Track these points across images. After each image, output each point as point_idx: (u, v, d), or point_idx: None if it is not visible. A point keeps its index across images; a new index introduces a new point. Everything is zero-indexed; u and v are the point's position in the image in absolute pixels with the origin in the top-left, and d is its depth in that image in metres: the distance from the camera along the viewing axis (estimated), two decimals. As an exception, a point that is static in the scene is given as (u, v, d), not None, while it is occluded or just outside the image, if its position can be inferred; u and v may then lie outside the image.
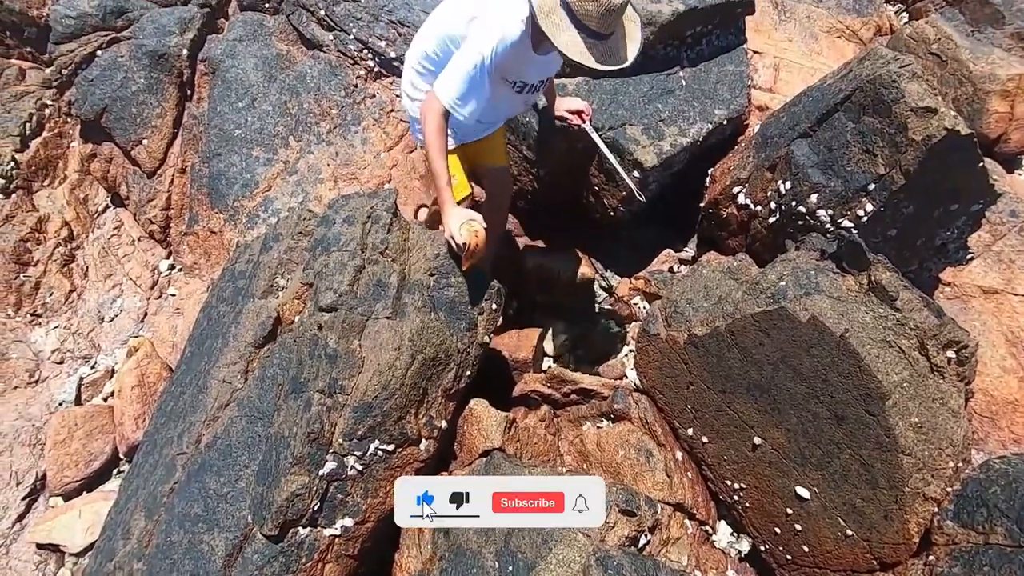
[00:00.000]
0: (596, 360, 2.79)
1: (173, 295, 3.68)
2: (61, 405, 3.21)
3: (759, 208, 2.61)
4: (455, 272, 2.17)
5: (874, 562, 1.50)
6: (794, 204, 2.43)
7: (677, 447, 1.91)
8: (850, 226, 2.28)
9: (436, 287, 2.11)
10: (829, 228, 2.32)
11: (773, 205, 2.54)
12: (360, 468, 1.82)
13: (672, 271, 3.11)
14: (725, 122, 2.97)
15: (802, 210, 2.41)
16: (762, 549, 1.78)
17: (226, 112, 3.80)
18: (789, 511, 1.65)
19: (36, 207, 3.72)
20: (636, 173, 2.83)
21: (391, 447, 1.86)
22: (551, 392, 2.27)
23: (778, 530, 1.70)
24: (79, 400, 3.23)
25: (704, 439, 1.84)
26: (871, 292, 1.52)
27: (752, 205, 2.63)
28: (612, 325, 3.02)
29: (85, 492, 2.97)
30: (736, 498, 1.81)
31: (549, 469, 1.71)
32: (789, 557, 1.69)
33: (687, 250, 3.27)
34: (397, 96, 4.03)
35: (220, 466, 1.93)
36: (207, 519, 1.84)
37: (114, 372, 3.34)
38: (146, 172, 3.79)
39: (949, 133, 2.04)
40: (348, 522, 1.81)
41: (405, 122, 4.03)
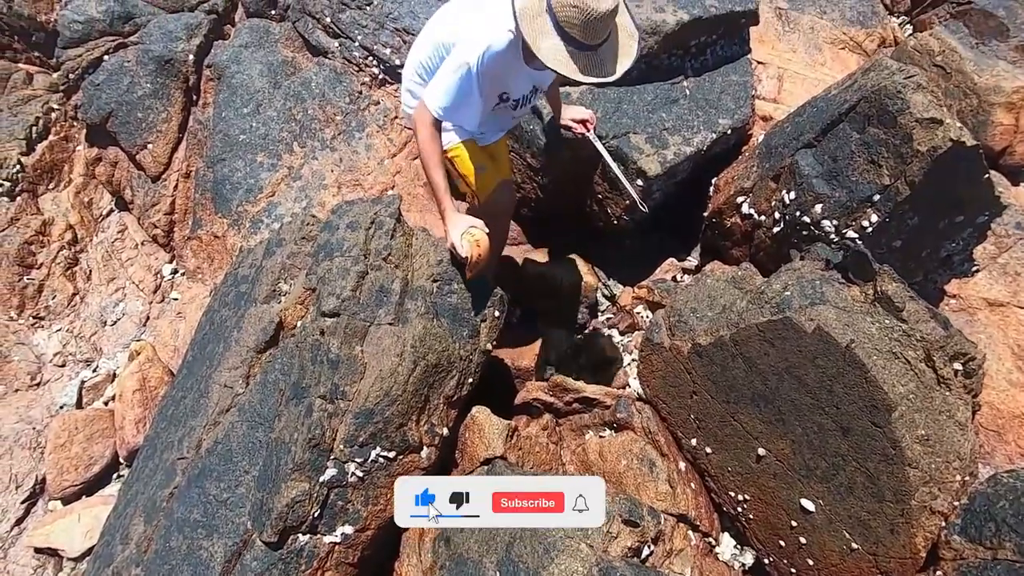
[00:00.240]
0: (598, 369, 2.78)
1: (176, 299, 3.68)
2: (62, 408, 3.20)
3: (763, 218, 2.60)
4: (458, 279, 2.17)
5: (880, 576, 1.49)
6: (798, 214, 2.43)
7: (680, 457, 1.90)
8: (855, 237, 2.27)
9: (439, 293, 2.11)
10: (834, 238, 2.31)
11: (777, 215, 2.54)
12: (361, 475, 1.81)
13: (675, 280, 3.11)
14: (729, 132, 2.97)
15: (806, 220, 2.40)
16: (766, 562, 1.76)
17: (231, 117, 3.82)
18: (794, 524, 1.63)
19: (41, 210, 3.74)
20: (640, 182, 2.84)
21: (392, 454, 1.84)
22: (553, 400, 2.26)
23: (782, 543, 1.68)
24: (80, 403, 3.23)
25: (708, 450, 1.82)
26: (877, 303, 1.51)
27: (756, 215, 2.62)
28: (615, 334, 3.01)
29: (84, 496, 2.96)
30: (740, 510, 1.79)
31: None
32: (794, 571, 1.67)
33: (690, 259, 3.27)
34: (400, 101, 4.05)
35: (220, 471, 1.92)
36: (206, 525, 1.83)
37: (115, 376, 3.34)
38: (151, 176, 3.81)
39: (955, 144, 2.04)
40: (348, 529, 1.80)
41: (409, 129, 4.05)
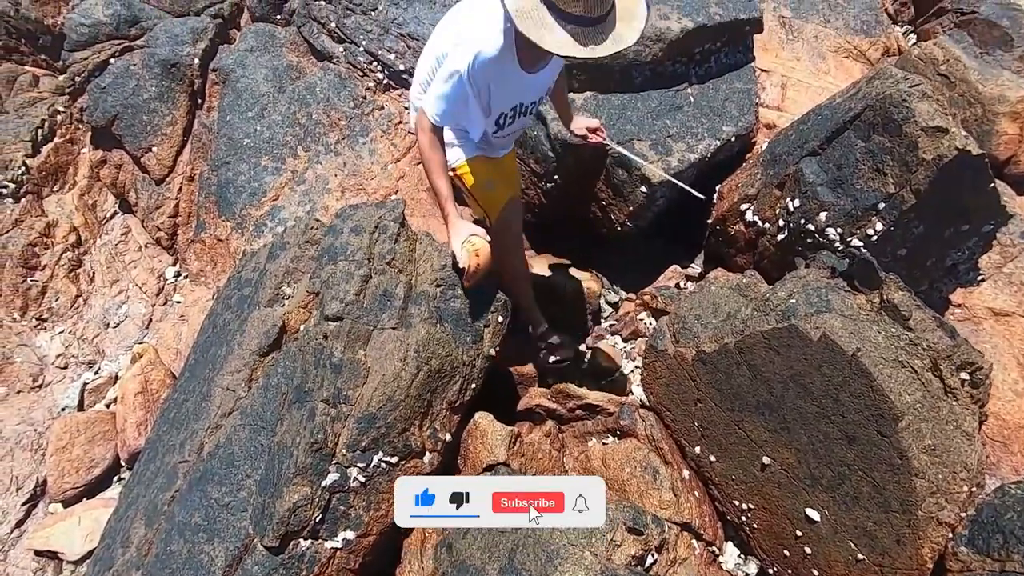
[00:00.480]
0: (601, 376, 2.77)
1: (178, 302, 3.68)
2: (64, 410, 3.20)
3: (767, 225, 2.60)
4: (462, 283, 2.16)
5: (886, 588, 1.47)
6: (803, 222, 2.42)
7: (684, 465, 1.89)
8: (859, 245, 2.26)
9: (442, 298, 2.11)
10: (838, 247, 2.31)
11: (781, 223, 2.53)
12: (363, 480, 1.80)
13: (679, 287, 3.10)
14: (733, 139, 2.97)
15: (811, 228, 2.40)
16: (770, 572, 1.75)
17: (236, 121, 3.83)
18: (799, 533, 1.62)
19: (45, 212, 3.75)
20: (643, 188, 2.84)
21: (394, 459, 1.84)
22: (556, 407, 2.25)
23: (787, 553, 1.67)
24: (82, 406, 3.22)
25: (712, 458, 1.81)
26: (883, 311, 1.50)
27: (760, 222, 2.62)
28: (618, 341, 3.01)
29: (85, 499, 2.95)
30: (744, 519, 1.78)
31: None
32: (798, 580, 1.66)
33: (694, 266, 3.26)
34: (406, 108, 4.06)
35: (222, 475, 1.91)
36: (207, 529, 1.82)
37: (117, 378, 3.33)
38: (155, 179, 3.82)
39: (960, 153, 2.03)
40: (350, 535, 1.79)
41: (413, 134, 4.05)
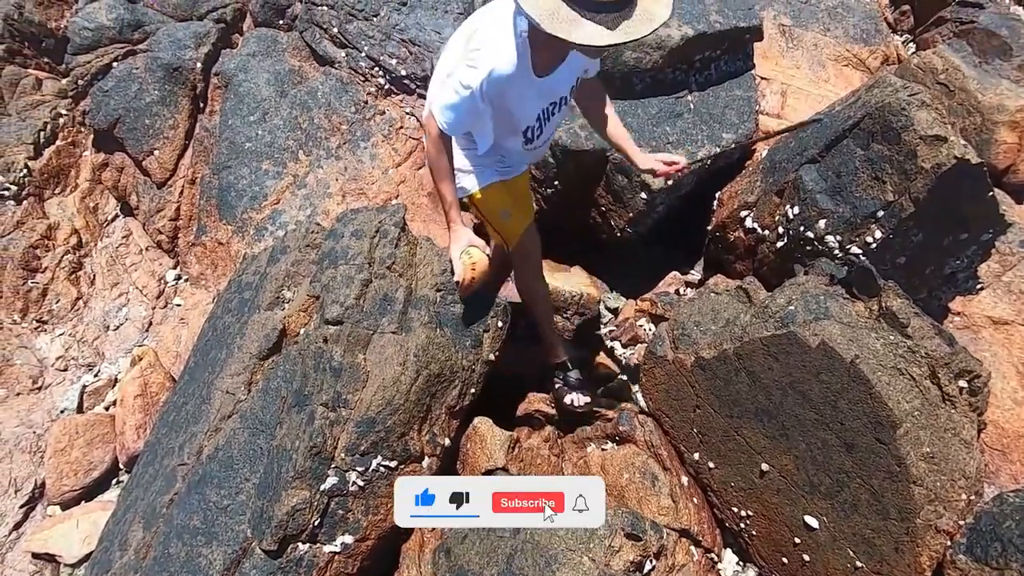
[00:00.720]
0: (601, 381, 2.77)
1: (179, 305, 3.68)
2: (63, 413, 3.20)
3: (767, 232, 2.61)
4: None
5: (885, 595, 1.47)
6: (802, 229, 2.43)
7: (683, 472, 1.89)
8: (859, 252, 2.27)
9: (442, 303, 2.11)
10: (837, 254, 2.32)
11: (781, 230, 2.54)
12: (362, 484, 1.80)
13: (678, 293, 3.11)
14: (733, 146, 2.99)
15: (810, 235, 2.41)
16: (768, 579, 1.75)
17: (237, 125, 3.84)
18: (797, 540, 1.62)
19: (46, 214, 3.75)
20: (643, 195, 2.85)
21: (393, 463, 1.84)
22: (555, 412, 2.25)
23: (785, 560, 1.67)
24: (81, 408, 3.22)
25: (710, 464, 1.81)
26: (882, 318, 1.51)
27: (759, 229, 2.63)
28: (617, 346, 3.01)
29: (84, 501, 2.94)
30: (743, 526, 1.78)
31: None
32: (796, 588, 1.66)
33: (694, 273, 3.27)
34: (407, 113, 4.08)
35: (221, 478, 1.91)
36: (206, 532, 1.82)
37: (117, 381, 3.33)
38: (156, 182, 3.83)
39: (959, 161, 2.04)
40: (348, 539, 1.79)
41: (414, 139, 4.07)
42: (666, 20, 1.42)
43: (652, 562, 1.44)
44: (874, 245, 2.24)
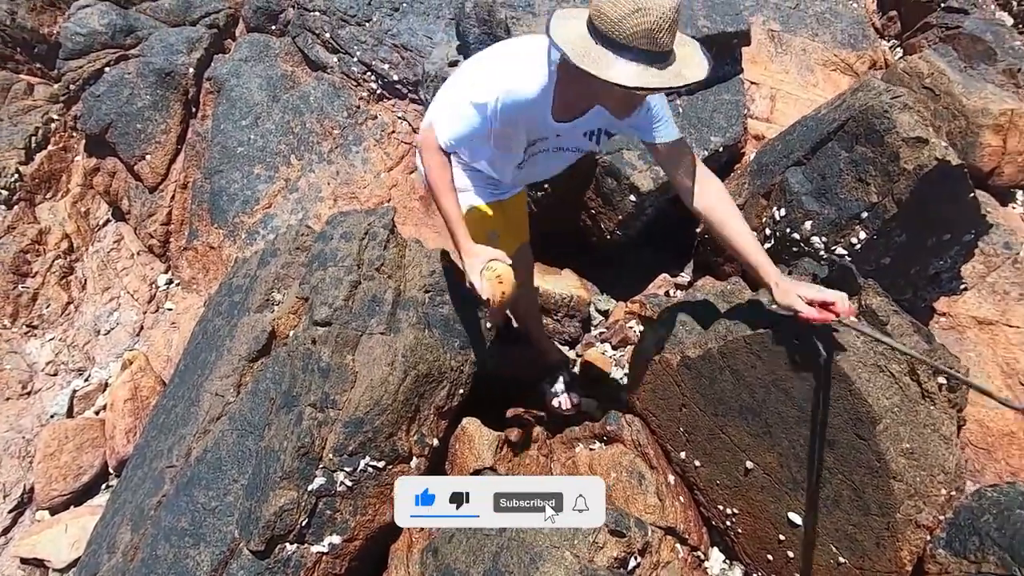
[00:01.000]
0: (590, 383, 2.79)
1: (170, 309, 3.68)
2: (53, 418, 3.19)
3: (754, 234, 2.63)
4: (450, 289, 2.18)
5: (866, 591, 1.49)
6: (788, 231, 2.45)
7: (669, 470, 1.90)
8: (844, 253, 2.30)
9: (431, 304, 2.12)
10: (823, 255, 2.34)
11: (768, 232, 2.57)
12: (350, 484, 1.80)
13: (668, 295, 3.13)
14: (721, 149, 3.01)
15: (796, 237, 2.43)
16: (754, 576, 1.76)
17: (229, 129, 3.86)
18: (781, 537, 1.63)
19: (37, 219, 3.75)
20: (632, 197, 2.87)
21: (381, 464, 1.84)
22: (544, 413, 2.26)
23: (770, 557, 1.68)
24: (71, 413, 3.21)
25: (697, 463, 1.83)
26: (861, 316, 1.53)
27: (747, 231, 2.65)
28: (608, 348, 3.02)
29: (73, 506, 2.93)
30: (729, 524, 1.79)
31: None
32: (781, 585, 1.67)
33: (683, 275, 3.29)
34: (399, 118, 4.10)
35: (209, 480, 1.91)
36: (193, 533, 1.82)
37: (107, 385, 3.33)
38: (148, 187, 3.84)
39: (940, 163, 2.07)
40: (336, 539, 1.79)
41: (406, 143, 4.10)
42: (696, 81, 1.33)
43: (637, 559, 1.45)
44: (859, 246, 2.27)
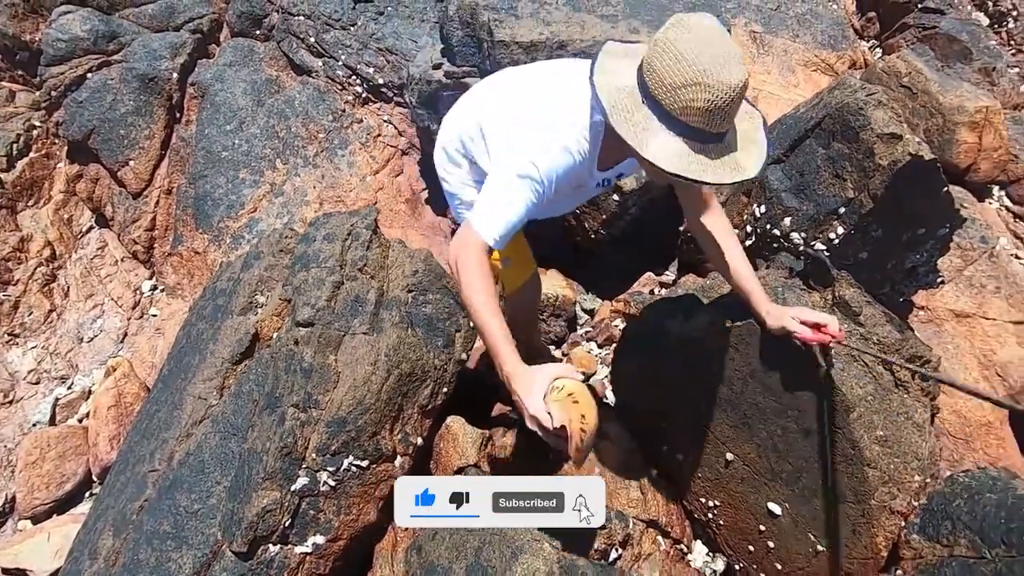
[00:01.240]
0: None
1: (155, 315, 3.66)
2: (35, 426, 3.15)
3: (735, 232, 2.66)
4: (433, 289, 2.19)
5: (844, 578, 1.51)
6: (768, 227, 2.49)
7: (651, 464, 1.91)
8: (822, 248, 2.33)
9: (414, 303, 2.13)
10: (803, 250, 2.37)
11: (749, 228, 2.60)
12: (333, 484, 1.80)
13: (652, 293, 3.15)
14: (702, 148, 3.03)
15: (776, 233, 2.46)
16: (737, 568, 1.77)
17: (214, 134, 3.85)
18: (762, 528, 1.65)
19: (19, 226, 3.72)
20: (616, 197, 2.89)
21: (365, 463, 1.84)
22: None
23: (752, 548, 1.70)
24: (54, 421, 3.18)
25: (678, 456, 1.84)
26: (835, 307, 1.55)
27: (728, 228, 2.68)
28: (593, 347, 3.04)
29: (55, 515, 2.90)
30: (710, 516, 1.81)
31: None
32: (763, 575, 1.68)
33: (668, 274, 3.31)
34: (384, 121, 4.11)
35: (192, 483, 1.90)
36: (176, 536, 1.81)
37: (91, 393, 3.29)
38: (132, 193, 3.82)
39: (913, 158, 2.11)
40: (320, 539, 1.78)
41: (391, 147, 4.11)
42: (754, 175, 1.17)
43: (618, 550, 1.45)
44: (837, 241, 2.30)
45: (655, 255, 3.35)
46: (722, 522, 1.78)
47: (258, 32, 4.32)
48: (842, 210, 2.28)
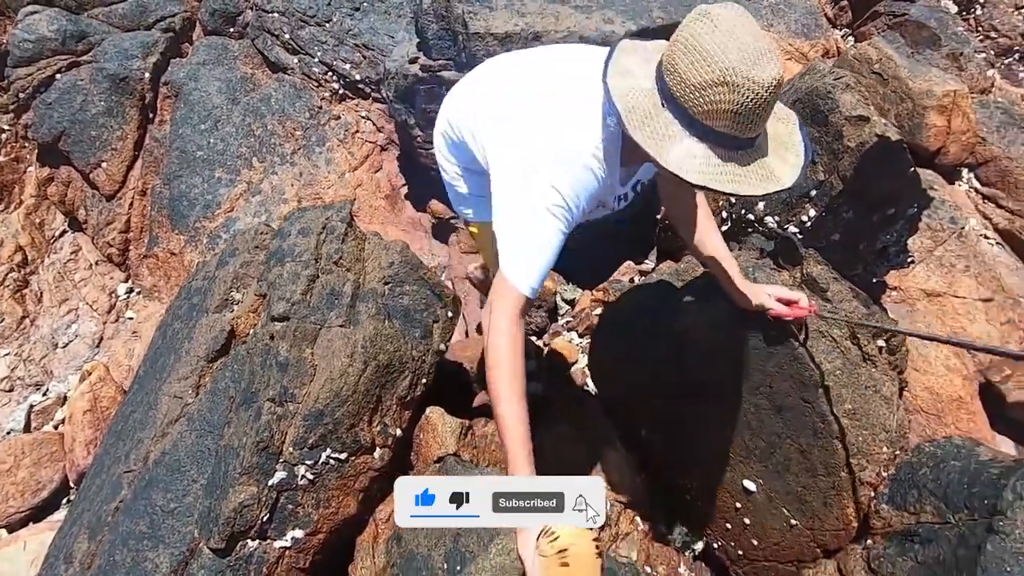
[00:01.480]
0: (558, 371, 2.81)
1: (131, 318, 3.61)
2: (9, 434, 3.10)
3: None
4: (409, 280, 2.18)
5: (817, 550, 1.52)
6: (743, 212, 2.51)
7: (629, 448, 1.93)
8: (796, 231, 2.36)
9: (391, 295, 2.12)
10: (777, 233, 2.40)
11: (724, 214, 2.62)
12: (311, 477, 1.79)
13: (632, 282, 3.17)
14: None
15: (751, 217, 2.49)
16: (715, 546, 1.79)
17: (188, 134, 3.80)
18: (738, 505, 1.67)
19: (-11, 232, 3.65)
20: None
21: (343, 455, 1.83)
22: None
23: (729, 525, 1.72)
24: (28, 428, 3.12)
25: (656, 437, 1.86)
26: (804, 285, 1.58)
27: (704, 215, 2.70)
28: (574, 336, 3.05)
29: (32, 523, 2.85)
30: (689, 497, 1.82)
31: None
32: (740, 552, 1.70)
33: (648, 262, 3.34)
34: (363, 118, 4.09)
35: (167, 481, 1.88)
36: (152, 536, 1.79)
37: (66, 399, 3.24)
38: (105, 195, 3.76)
39: (880, 139, 2.15)
40: (299, 533, 1.77)
41: (370, 143, 4.08)
42: (788, 185, 1.07)
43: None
44: (809, 223, 2.33)
45: (635, 244, 3.36)
46: (700, 503, 1.80)
47: (232, 30, 4.27)
48: (813, 193, 2.31)
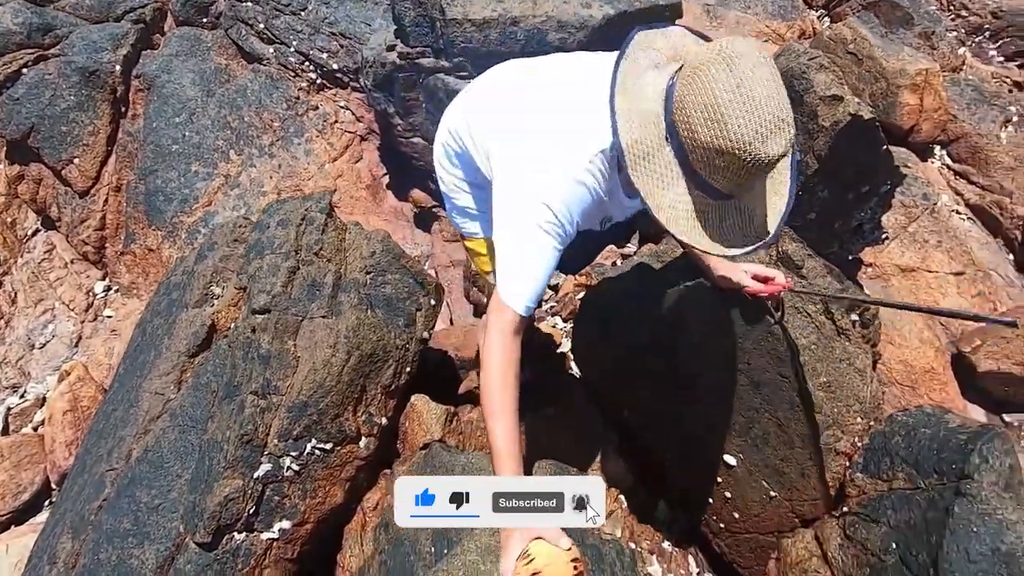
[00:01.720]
0: (543, 356, 2.82)
1: (110, 317, 3.56)
2: (-13, 437, 3.05)
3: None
4: (392, 269, 2.18)
5: (796, 520, 1.56)
6: (721, 193, 2.53)
7: (613, 430, 1.95)
8: (773, 211, 2.39)
9: (372, 284, 2.12)
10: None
11: (702, 196, 2.64)
12: (297, 468, 1.79)
13: (615, 265, 3.19)
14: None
15: (728, 198, 2.51)
16: (698, 521, 1.82)
17: (162, 128, 3.74)
18: (719, 480, 1.70)
19: (-41, 233, 3.57)
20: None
21: (329, 445, 1.84)
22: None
23: (711, 500, 1.75)
24: (7, 431, 3.08)
25: (638, 418, 1.88)
26: (779, 262, 1.60)
27: (683, 197, 2.72)
28: (558, 321, 3.07)
29: (13, 526, 2.81)
30: (671, 473, 1.85)
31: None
32: (722, 525, 1.74)
33: (630, 246, 3.36)
34: (341, 107, 4.04)
35: (151, 478, 1.87)
36: (137, 533, 1.78)
37: (45, 400, 3.19)
38: (78, 192, 3.69)
39: (854, 118, 2.17)
40: (286, 524, 1.77)
41: (349, 133, 4.04)
42: (771, 240, 1.06)
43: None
44: (786, 203, 2.36)
45: (619, 229, 3.39)
46: (682, 478, 1.83)
47: (204, 20, 4.19)
48: (789, 173, 2.34)
